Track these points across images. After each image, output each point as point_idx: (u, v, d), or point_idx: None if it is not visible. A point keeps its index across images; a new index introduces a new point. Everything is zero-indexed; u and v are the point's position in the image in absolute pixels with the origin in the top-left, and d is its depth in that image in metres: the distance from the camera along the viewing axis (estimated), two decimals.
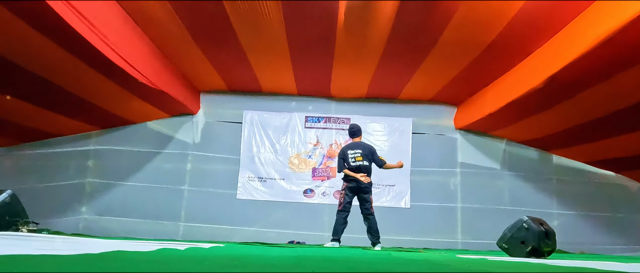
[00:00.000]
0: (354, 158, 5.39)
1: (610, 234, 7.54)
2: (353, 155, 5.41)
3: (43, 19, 4.21)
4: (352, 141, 5.66)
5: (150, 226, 7.40)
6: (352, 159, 5.40)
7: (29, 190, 6.78)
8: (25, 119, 6.53)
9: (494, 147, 7.92)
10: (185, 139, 7.88)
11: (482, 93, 7.12)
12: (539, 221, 4.26)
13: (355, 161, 5.38)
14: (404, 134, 8.03)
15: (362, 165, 5.37)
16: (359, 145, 5.52)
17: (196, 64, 6.76)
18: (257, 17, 5.23)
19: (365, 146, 5.55)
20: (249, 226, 7.58)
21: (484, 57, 5.89)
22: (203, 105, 8.06)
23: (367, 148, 5.49)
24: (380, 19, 5.15)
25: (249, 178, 7.85)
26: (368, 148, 5.50)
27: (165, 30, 5.68)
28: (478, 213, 7.63)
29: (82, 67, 5.23)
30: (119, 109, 7.05)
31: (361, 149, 5.44)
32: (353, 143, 5.62)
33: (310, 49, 6.17)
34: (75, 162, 7.54)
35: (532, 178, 7.78)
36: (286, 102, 8.12)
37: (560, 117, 6.25)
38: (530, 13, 4.76)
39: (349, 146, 5.60)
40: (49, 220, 6.82)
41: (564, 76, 4.99)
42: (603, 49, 4.31)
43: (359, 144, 5.55)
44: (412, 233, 7.50)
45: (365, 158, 5.39)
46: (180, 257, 2.41)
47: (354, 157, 5.40)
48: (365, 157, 5.39)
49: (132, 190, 7.59)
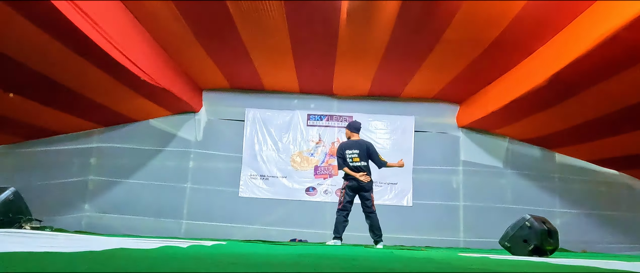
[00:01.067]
0: (352, 159, 5.36)
1: (613, 233, 7.52)
2: (351, 155, 5.37)
3: (47, 17, 4.22)
4: (350, 139, 5.57)
5: (152, 224, 7.43)
6: (350, 160, 5.37)
7: (32, 187, 6.80)
8: (28, 116, 6.55)
9: (497, 145, 7.90)
10: (187, 137, 7.89)
11: (484, 91, 7.10)
12: (541, 219, 4.26)
13: (353, 162, 5.35)
14: (407, 132, 8.02)
15: (361, 166, 5.34)
16: (355, 144, 5.45)
17: (198, 61, 6.76)
18: (260, 14, 5.23)
19: (361, 145, 5.45)
20: (251, 224, 7.59)
21: (487, 55, 5.87)
22: (205, 103, 8.07)
23: (363, 147, 5.41)
24: (383, 16, 5.15)
25: (251, 176, 7.85)
26: (364, 147, 5.41)
27: (168, 28, 5.68)
28: (480, 211, 7.62)
29: (84, 65, 5.24)
30: (121, 106, 7.06)
31: (358, 149, 5.38)
32: (350, 141, 5.53)
33: (313, 47, 6.17)
34: (78, 159, 7.57)
35: (535, 176, 7.76)
36: (288, 100, 8.12)
37: (563, 115, 6.24)
38: (532, 11, 4.74)
39: (347, 145, 5.49)
40: (52, 218, 6.84)
41: (567, 74, 4.97)
42: (606, 47, 4.30)
43: (356, 143, 5.47)
44: (414, 231, 7.50)
45: (363, 158, 5.35)
46: (182, 254, 2.42)
47: (352, 157, 5.36)
48: (362, 157, 5.35)
49: (134, 187, 7.61)
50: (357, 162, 5.33)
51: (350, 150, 5.38)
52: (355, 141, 5.50)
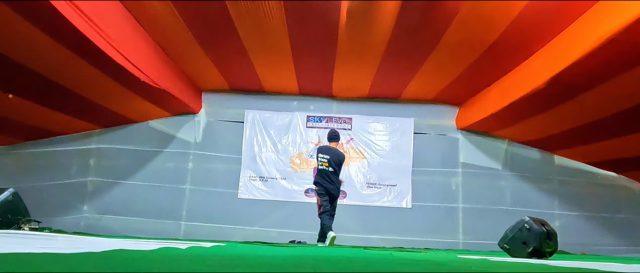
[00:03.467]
0: (321, 163, 5.75)
1: (612, 235, 7.52)
2: (321, 159, 5.76)
3: (46, 19, 4.22)
4: (328, 145, 5.96)
5: (151, 225, 7.42)
6: (320, 163, 5.76)
7: (31, 188, 6.79)
8: (27, 117, 6.54)
9: (496, 147, 7.91)
10: (186, 138, 7.89)
11: (484, 93, 7.11)
12: (540, 222, 4.25)
13: (322, 165, 5.74)
14: (406, 133, 8.02)
15: (328, 171, 5.70)
16: (329, 151, 5.81)
17: (198, 63, 6.77)
18: (259, 16, 5.24)
19: (334, 154, 5.82)
20: (250, 225, 7.58)
21: (486, 57, 5.88)
22: (205, 105, 8.07)
23: (336, 156, 5.80)
24: (383, 18, 5.15)
25: (250, 177, 7.85)
26: (337, 157, 5.81)
27: (167, 29, 5.69)
28: (479, 213, 7.62)
29: (84, 65, 5.23)
30: (121, 107, 7.06)
31: (330, 155, 5.75)
32: (326, 147, 5.93)
33: (312, 49, 6.17)
34: (77, 160, 7.56)
35: (534, 178, 7.77)
36: (288, 102, 8.12)
37: (563, 117, 6.24)
38: (532, 13, 4.75)
39: (322, 150, 5.88)
40: (51, 219, 6.84)
41: (567, 76, 4.97)
42: (606, 49, 4.30)
43: (329, 150, 5.84)
44: (413, 233, 7.49)
45: (331, 165, 5.71)
46: (181, 256, 2.42)
47: (322, 162, 5.75)
48: (331, 164, 5.71)
49: (133, 189, 7.60)
50: (325, 167, 5.71)
51: (322, 155, 5.78)
52: (331, 148, 5.88)
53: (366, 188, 7.87)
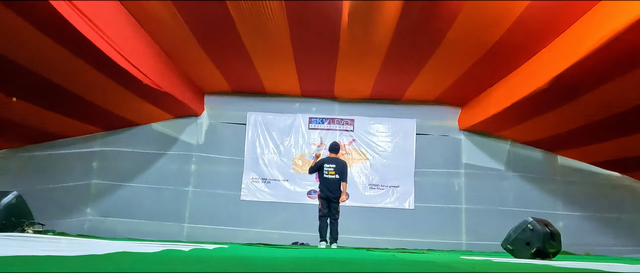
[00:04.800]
0: (327, 172, 6.16)
1: (616, 235, 7.49)
2: (328, 168, 6.19)
3: (48, 22, 4.23)
4: (330, 156, 6.33)
5: (154, 227, 7.42)
6: (325, 172, 6.15)
7: (35, 191, 6.80)
8: (30, 120, 6.56)
9: (499, 148, 7.89)
10: (189, 141, 7.90)
11: (486, 94, 7.09)
12: (544, 222, 4.24)
13: (327, 174, 6.15)
14: (408, 134, 8.01)
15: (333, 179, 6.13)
16: (334, 161, 6.27)
17: (200, 65, 6.78)
18: (261, 18, 5.24)
19: (339, 162, 6.29)
20: (253, 227, 7.59)
21: (489, 58, 5.87)
22: (207, 107, 8.08)
23: (340, 164, 6.25)
24: (384, 19, 5.15)
25: (252, 179, 7.86)
26: (341, 164, 6.27)
27: (169, 32, 5.70)
28: (482, 214, 7.60)
29: (87, 69, 5.25)
30: (123, 110, 7.08)
31: (335, 164, 6.21)
32: (330, 158, 6.31)
33: (314, 50, 6.18)
34: (80, 163, 7.58)
35: (537, 179, 7.74)
36: (290, 104, 8.13)
37: (565, 117, 6.22)
38: (534, 13, 4.74)
39: (327, 160, 6.27)
40: (55, 221, 6.85)
41: (569, 77, 4.96)
42: (608, 49, 4.29)
43: (334, 159, 6.30)
44: (416, 234, 7.48)
45: (337, 172, 6.16)
46: (184, 258, 2.42)
47: (328, 170, 6.18)
48: (337, 172, 6.16)
49: (136, 191, 7.62)
50: (332, 175, 6.17)
51: (328, 165, 6.22)
52: (334, 158, 6.33)
53: (369, 189, 7.87)
